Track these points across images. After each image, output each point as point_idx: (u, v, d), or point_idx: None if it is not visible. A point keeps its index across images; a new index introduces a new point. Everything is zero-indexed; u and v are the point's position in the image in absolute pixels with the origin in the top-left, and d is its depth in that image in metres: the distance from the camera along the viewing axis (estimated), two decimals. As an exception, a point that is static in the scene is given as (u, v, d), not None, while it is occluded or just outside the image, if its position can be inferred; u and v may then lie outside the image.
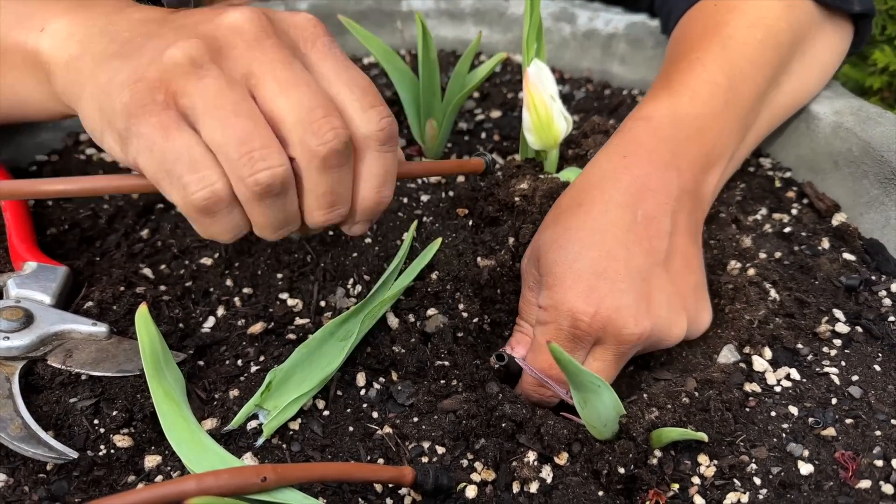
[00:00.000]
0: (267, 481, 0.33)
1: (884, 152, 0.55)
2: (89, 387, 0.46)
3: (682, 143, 0.49)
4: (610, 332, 0.44)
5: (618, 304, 0.44)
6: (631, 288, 0.44)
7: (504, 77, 0.76)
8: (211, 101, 0.33)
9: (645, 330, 0.44)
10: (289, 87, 0.33)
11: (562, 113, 0.56)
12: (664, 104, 0.51)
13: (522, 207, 0.56)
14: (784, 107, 0.59)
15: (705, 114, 0.51)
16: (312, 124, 0.33)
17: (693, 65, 0.53)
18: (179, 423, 0.41)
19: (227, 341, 0.50)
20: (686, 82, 0.52)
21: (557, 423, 0.43)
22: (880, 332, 0.49)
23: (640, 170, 0.48)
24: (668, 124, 0.50)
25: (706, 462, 0.43)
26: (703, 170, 0.50)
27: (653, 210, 0.47)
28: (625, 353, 0.45)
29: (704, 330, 0.50)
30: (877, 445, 0.43)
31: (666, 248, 0.46)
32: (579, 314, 0.44)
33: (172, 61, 0.34)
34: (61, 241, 0.57)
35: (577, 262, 0.45)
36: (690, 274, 0.48)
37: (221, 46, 0.34)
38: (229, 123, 0.32)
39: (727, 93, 0.52)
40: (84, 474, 0.42)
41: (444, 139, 0.66)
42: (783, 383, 0.47)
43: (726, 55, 0.53)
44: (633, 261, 0.45)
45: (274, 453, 0.43)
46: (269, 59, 0.34)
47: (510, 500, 0.41)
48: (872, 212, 0.56)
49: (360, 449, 0.44)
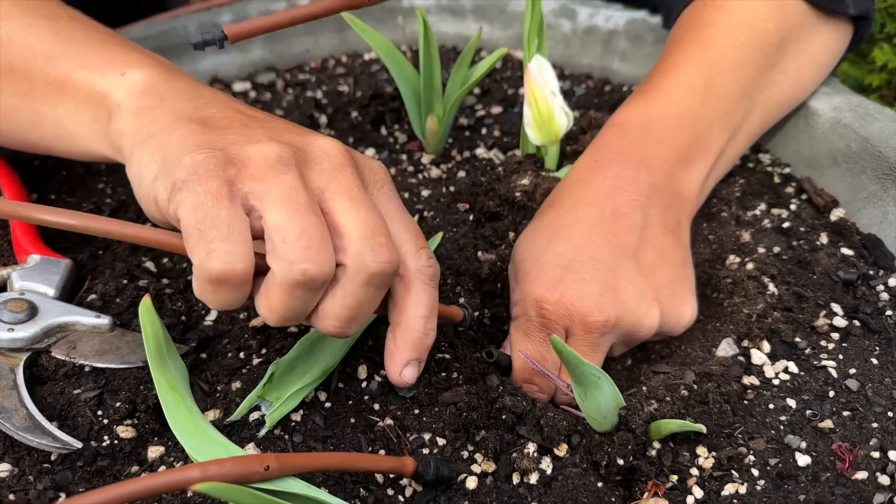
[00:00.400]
0: (270, 470, 0.33)
1: (882, 148, 0.55)
2: (93, 378, 0.46)
3: (653, 143, 0.51)
4: (576, 321, 0.45)
5: (581, 292, 0.45)
6: (595, 278, 0.45)
7: (505, 73, 0.77)
8: (286, 193, 0.35)
9: (610, 318, 0.44)
10: (359, 207, 0.36)
11: (563, 109, 0.57)
12: (636, 109, 0.53)
13: (523, 203, 0.57)
14: (779, 105, 0.59)
15: (679, 114, 0.52)
16: (373, 242, 0.35)
17: (670, 68, 0.54)
18: (183, 413, 0.42)
19: (230, 334, 0.50)
20: (660, 86, 0.54)
21: (557, 416, 0.44)
22: (877, 326, 0.49)
23: (610, 171, 0.49)
24: (639, 127, 0.52)
25: (704, 454, 0.43)
26: (679, 166, 0.51)
27: (622, 206, 0.48)
28: (595, 342, 0.45)
29: (687, 325, 0.50)
30: (873, 437, 0.43)
31: (636, 242, 0.47)
32: (544, 303, 0.45)
33: (261, 154, 0.35)
34: (65, 235, 0.57)
35: (544, 256, 0.47)
36: (665, 267, 0.48)
37: (308, 160, 0.37)
38: (297, 214, 0.34)
39: (704, 93, 0.53)
40: (88, 464, 0.42)
41: (445, 135, 0.66)
42: (781, 376, 0.47)
43: (706, 57, 0.54)
44: (599, 253, 0.46)
45: (276, 444, 0.43)
46: (346, 183, 0.37)
47: (510, 492, 0.42)
48: (870, 207, 0.56)
49: (361, 440, 0.44)
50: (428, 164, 0.65)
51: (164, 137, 0.37)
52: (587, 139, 0.61)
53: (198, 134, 0.37)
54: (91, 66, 0.44)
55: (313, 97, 0.73)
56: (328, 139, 0.39)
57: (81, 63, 0.44)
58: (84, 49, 0.45)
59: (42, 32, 0.46)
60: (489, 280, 0.54)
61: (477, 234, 0.57)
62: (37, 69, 0.45)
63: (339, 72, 0.78)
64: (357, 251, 0.35)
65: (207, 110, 0.40)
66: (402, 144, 0.68)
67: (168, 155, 0.36)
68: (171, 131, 0.37)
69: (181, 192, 0.34)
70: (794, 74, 0.58)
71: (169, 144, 0.37)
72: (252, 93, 0.75)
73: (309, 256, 0.34)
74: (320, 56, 0.80)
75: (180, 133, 0.37)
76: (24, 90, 0.46)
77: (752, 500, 0.41)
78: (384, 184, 0.41)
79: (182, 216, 0.34)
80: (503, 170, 0.61)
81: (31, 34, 0.46)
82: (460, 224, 0.58)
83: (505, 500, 0.41)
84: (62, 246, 0.55)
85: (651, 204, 0.49)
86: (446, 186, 0.62)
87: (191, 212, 0.33)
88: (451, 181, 0.63)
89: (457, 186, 0.61)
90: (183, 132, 0.37)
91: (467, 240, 0.56)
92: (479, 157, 0.66)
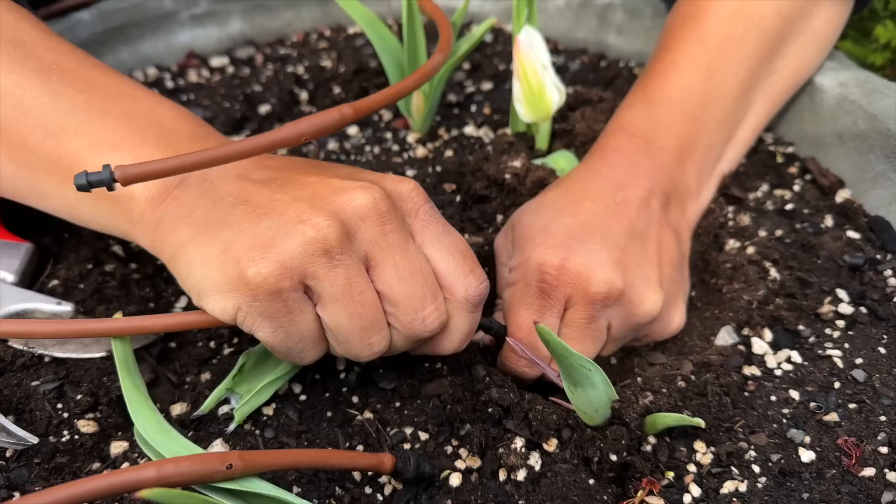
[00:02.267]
0: (233, 469, 0.30)
1: (891, 126, 0.52)
2: (53, 369, 0.43)
3: (658, 152, 0.49)
4: (579, 289, 0.42)
5: (588, 260, 0.43)
6: (604, 249, 0.43)
7: (496, 48, 0.73)
8: (340, 290, 0.36)
9: (614, 288, 0.42)
10: (405, 276, 0.37)
11: (554, 83, 0.54)
12: (640, 113, 0.51)
13: (513, 186, 0.54)
14: (782, 91, 0.57)
15: (681, 120, 0.51)
16: (423, 315, 0.38)
17: (668, 68, 0.53)
18: (145, 408, 0.39)
19: (200, 322, 0.47)
20: (661, 88, 0.52)
21: (546, 409, 0.41)
22: (885, 313, 0.47)
23: (619, 167, 0.49)
24: (645, 131, 0.50)
25: (703, 449, 0.41)
26: (681, 169, 0.50)
27: (632, 198, 0.47)
28: (594, 315, 0.43)
29: (673, 332, 0.48)
30: (881, 431, 0.41)
31: (645, 230, 0.46)
32: (546, 266, 0.43)
33: (304, 246, 0.34)
34: (28, 217, 0.54)
35: (551, 225, 0.45)
36: (668, 265, 0.46)
37: (349, 231, 0.36)
38: (356, 314, 0.36)
39: (703, 95, 0.51)
40: (46, 461, 0.40)
41: (432, 112, 0.63)
42: (784, 366, 0.45)
43: (703, 54, 0.52)
44: (610, 231, 0.45)
45: (246, 440, 0.41)
46: (389, 246, 0.37)
47: (496, 489, 0.39)
48: (878, 188, 0.53)
49: (338, 435, 0.41)
50: (414, 143, 0.62)
51: (202, 248, 0.36)
52: (576, 117, 0.58)
53: (235, 240, 0.35)
54: (92, 148, 0.40)
55: (294, 72, 0.70)
56: (359, 193, 0.36)
57: (88, 145, 0.40)
58: (87, 124, 0.40)
59: (35, 93, 0.40)
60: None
61: (464, 216, 0.55)
62: (37, 143, 0.40)
63: (322, 46, 0.74)
64: (408, 323, 0.38)
65: (225, 200, 0.37)
66: (387, 122, 0.65)
67: (226, 269, 0.35)
68: (208, 239, 0.36)
69: (251, 317, 0.35)
70: (796, 56, 0.55)
71: (217, 255, 0.35)
72: (230, 68, 0.71)
73: (369, 349, 0.38)
74: (302, 29, 0.77)
75: (218, 243, 0.35)
76: (22, 161, 0.41)
77: (752, 498, 0.38)
78: (418, 209, 0.39)
79: (262, 338, 0.36)
80: (492, 149, 0.58)
81: (23, 94, 0.40)
82: (447, 206, 0.55)
83: (490, 498, 0.39)
84: (25, 228, 0.52)
85: (658, 206, 0.47)
86: (433, 166, 0.59)
87: (271, 335, 0.36)
88: (437, 161, 0.60)
89: (444, 166, 0.58)
90: (221, 242, 0.35)
91: (454, 222, 0.53)
92: (467, 135, 0.63)
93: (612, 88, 0.67)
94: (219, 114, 0.64)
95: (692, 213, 0.52)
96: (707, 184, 0.53)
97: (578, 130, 0.58)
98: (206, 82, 0.70)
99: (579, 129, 0.58)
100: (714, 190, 0.54)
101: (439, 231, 0.39)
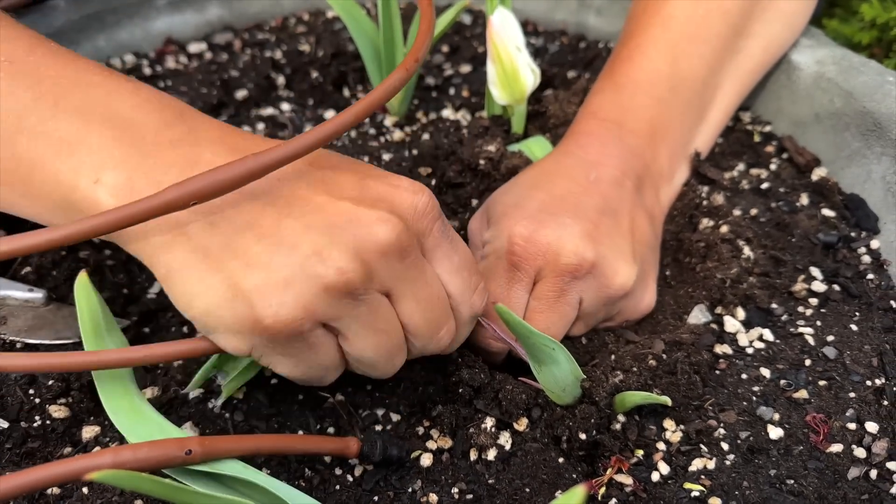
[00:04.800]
0: (192, 454, 0.30)
1: (866, 103, 0.52)
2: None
3: (629, 135, 0.49)
4: (549, 260, 0.42)
5: (559, 232, 0.43)
6: (576, 222, 0.43)
7: (475, 30, 0.73)
8: (363, 327, 0.35)
9: (585, 260, 0.42)
10: (424, 307, 0.37)
11: (528, 65, 0.53)
12: (609, 98, 0.51)
13: (487, 171, 0.54)
14: (751, 72, 0.56)
15: (649, 103, 0.51)
16: (436, 336, 0.38)
17: (634, 53, 0.52)
18: (118, 390, 0.39)
19: (173, 307, 0.47)
20: (628, 73, 0.52)
21: (516, 388, 0.41)
22: (858, 291, 0.47)
23: (592, 149, 0.49)
24: (615, 117, 0.50)
25: (672, 427, 0.41)
26: (653, 153, 0.50)
27: (605, 177, 0.47)
28: (564, 290, 0.43)
29: (644, 312, 0.48)
30: (850, 408, 0.41)
31: (618, 208, 0.46)
32: (515, 237, 0.43)
33: (326, 289, 0.32)
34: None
35: (524, 201, 0.45)
36: (640, 244, 0.46)
37: (370, 270, 0.34)
38: (381, 345, 0.36)
39: (671, 79, 0.51)
40: (17, 446, 0.40)
41: (409, 95, 0.63)
42: (755, 344, 0.45)
43: (667, 37, 0.52)
44: (582, 205, 0.45)
45: (216, 423, 0.41)
46: (410, 280, 0.36)
47: (467, 469, 0.39)
48: (854, 166, 0.53)
49: (309, 418, 0.42)
50: (391, 127, 0.62)
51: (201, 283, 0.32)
52: (549, 98, 0.57)
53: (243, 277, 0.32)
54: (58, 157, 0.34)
55: (271, 57, 0.69)
56: (382, 227, 0.33)
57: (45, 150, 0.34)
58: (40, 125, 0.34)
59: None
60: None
61: (440, 200, 0.54)
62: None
63: (301, 31, 0.74)
64: (423, 345, 0.38)
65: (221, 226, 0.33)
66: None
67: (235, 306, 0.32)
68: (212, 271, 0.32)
69: (267, 353, 0.34)
70: (762, 34, 0.55)
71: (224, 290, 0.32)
72: (208, 54, 0.71)
73: (393, 369, 0.39)
74: (281, 14, 0.76)
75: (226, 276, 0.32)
76: None
77: (720, 475, 0.38)
78: (431, 228, 0.37)
79: (280, 370, 0.36)
80: (468, 132, 0.57)
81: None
82: (422, 189, 0.55)
83: (461, 477, 0.39)
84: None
85: (632, 186, 0.48)
86: (409, 150, 0.59)
87: (290, 368, 0.35)
88: (414, 144, 0.59)
89: (420, 150, 0.58)
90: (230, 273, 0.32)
91: (429, 205, 0.53)
92: (445, 118, 0.63)
93: (591, 69, 0.67)
94: (195, 99, 0.64)
95: (665, 196, 0.52)
96: (680, 167, 0.53)
97: (552, 112, 0.58)
98: (183, 69, 0.69)
99: (552, 111, 0.58)
100: (687, 173, 0.54)
101: (449, 250, 0.38)
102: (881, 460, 0.38)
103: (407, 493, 0.38)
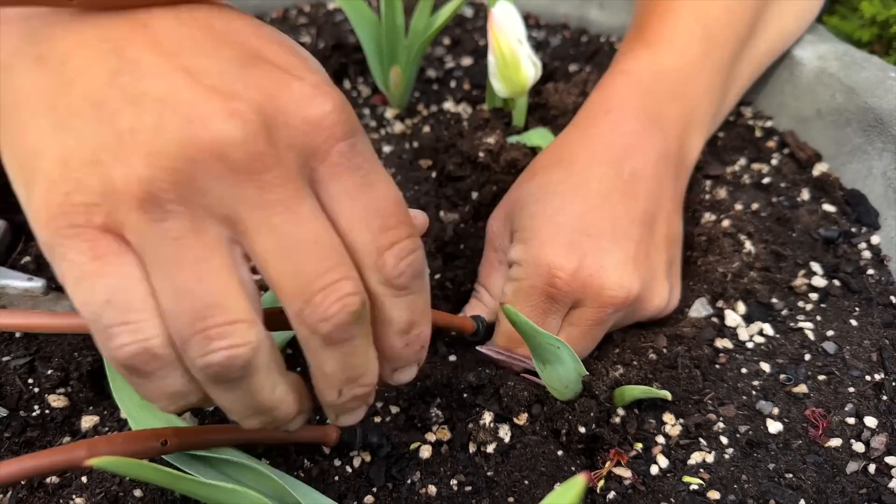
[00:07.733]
0: (168, 445, 0.30)
1: (868, 98, 0.52)
2: (24, 345, 0.43)
3: (665, 101, 0.47)
4: (591, 294, 0.40)
5: (602, 262, 0.40)
6: (616, 248, 0.41)
7: (477, 23, 0.73)
8: (167, 252, 0.23)
9: (630, 293, 0.40)
10: (288, 247, 0.24)
11: (529, 57, 0.53)
12: (642, 57, 0.48)
13: (486, 163, 0.54)
14: (760, 59, 0.56)
15: (684, 65, 0.48)
16: (314, 297, 0.24)
17: (664, 13, 0.50)
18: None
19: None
20: (661, 32, 0.49)
21: (517, 385, 0.41)
22: (858, 286, 0.47)
23: (626, 126, 0.45)
24: (649, 79, 0.47)
25: (671, 421, 0.41)
26: (686, 131, 0.48)
27: (640, 168, 0.44)
28: (604, 319, 0.41)
29: (672, 310, 0.46)
30: (849, 402, 0.41)
31: (653, 211, 0.43)
32: (557, 270, 0.40)
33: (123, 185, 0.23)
34: (3, 194, 0.54)
35: (558, 216, 0.42)
36: (672, 245, 0.45)
37: (197, 175, 0.23)
38: (187, 289, 0.23)
39: (704, 42, 0.49)
40: (16, 435, 0.40)
41: (410, 87, 0.62)
42: (756, 339, 0.45)
43: (698, 2, 0.50)
44: (619, 220, 0.42)
45: (216, 412, 0.41)
46: (264, 202, 0.24)
47: (466, 461, 0.39)
48: (855, 161, 0.53)
49: (308, 409, 0.41)
50: (392, 119, 0.62)
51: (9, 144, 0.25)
52: (550, 89, 0.57)
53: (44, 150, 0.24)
54: None
55: (272, 49, 0.69)
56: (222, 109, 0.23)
57: None
58: None
59: None
60: (452, 242, 0.51)
61: (440, 192, 0.54)
62: None
63: (301, 22, 0.73)
64: (296, 313, 0.25)
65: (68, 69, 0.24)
66: (366, 98, 0.65)
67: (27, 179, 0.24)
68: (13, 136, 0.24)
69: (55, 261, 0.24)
70: (776, 22, 0.55)
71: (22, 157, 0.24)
72: (209, 45, 0.71)
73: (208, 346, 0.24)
74: (282, 6, 0.76)
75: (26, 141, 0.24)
76: None
77: (719, 468, 0.38)
78: (330, 147, 0.25)
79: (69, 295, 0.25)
80: (468, 125, 0.57)
81: None
82: (423, 182, 0.55)
83: (460, 469, 0.39)
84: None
85: (666, 172, 0.45)
86: (410, 142, 0.59)
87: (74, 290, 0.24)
88: (415, 137, 0.59)
89: (420, 142, 0.58)
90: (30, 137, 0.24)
91: (430, 198, 0.53)
92: (446, 111, 0.63)
93: (593, 63, 0.67)
94: (196, 90, 0.63)
95: (688, 176, 0.50)
96: (701, 145, 0.51)
97: (552, 103, 0.58)
98: (184, 59, 0.69)
99: (553, 102, 0.58)
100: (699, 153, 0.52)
101: (356, 185, 0.26)
102: (880, 455, 0.39)
103: (406, 485, 0.38)
